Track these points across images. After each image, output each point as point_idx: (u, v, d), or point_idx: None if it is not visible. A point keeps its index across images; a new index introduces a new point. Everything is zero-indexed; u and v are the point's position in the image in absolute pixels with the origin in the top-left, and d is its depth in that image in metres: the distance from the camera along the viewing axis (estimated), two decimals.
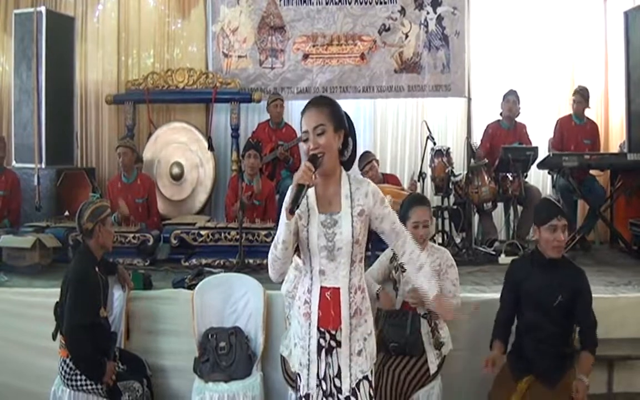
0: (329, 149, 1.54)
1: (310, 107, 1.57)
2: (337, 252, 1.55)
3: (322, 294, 1.57)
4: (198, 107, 5.03)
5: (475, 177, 3.96)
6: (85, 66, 4.89)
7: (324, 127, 1.54)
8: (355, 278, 1.57)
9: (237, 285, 2.78)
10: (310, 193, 1.59)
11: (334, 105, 1.59)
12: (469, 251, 3.79)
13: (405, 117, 5.11)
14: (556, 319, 2.19)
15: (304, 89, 4.91)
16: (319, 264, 1.57)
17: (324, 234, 1.56)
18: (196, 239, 3.50)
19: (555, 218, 2.17)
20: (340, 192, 1.57)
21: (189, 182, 4.76)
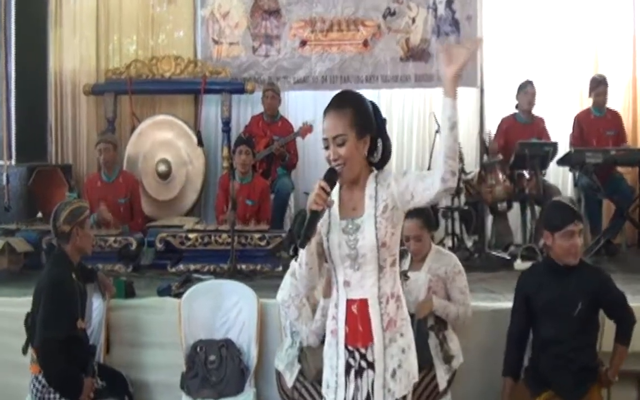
0: (350, 159, 1.50)
1: (329, 111, 1.52)
2: (362, 259, 1.51)
3: (348, 307, 1.53)
4: (186, 99, 5.01)
5: (488, 175, 3.95)
6: (61, 53, 4.87)
7: (345, 137, 1.49)
8: (386, 286, 1.52)
9: (229, 293, 2.77)
10: (333, 197, 1.55)
11: (358, 106, 1.52)
12: (481, 256, 3.79)
13: (412, 110, 5.11)
14: (577, 330, 2.17)
15: (301, 79, 4.91)
16: (344, 275, 1.54)
17: (346, 242, 1.52)
18: (184, 243, 3.50)
19: (572, 223, 2.15)
20: (365, 194, 1.54)
21: (176, 180, 4.76)
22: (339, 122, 1.50)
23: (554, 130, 4.49)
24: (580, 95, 4.87)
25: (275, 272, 3.37)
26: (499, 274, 3.48)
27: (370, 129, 1.53)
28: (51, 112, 4.83)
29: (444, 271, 2.31)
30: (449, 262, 2.33)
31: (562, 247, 2.17)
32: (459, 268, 2.32)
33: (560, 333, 2.18)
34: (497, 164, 3.98)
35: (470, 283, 3.07)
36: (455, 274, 2.31)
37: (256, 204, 3.81)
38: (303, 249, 1.49)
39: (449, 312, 2.24)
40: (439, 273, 2.30)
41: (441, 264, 2.31)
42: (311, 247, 1.50)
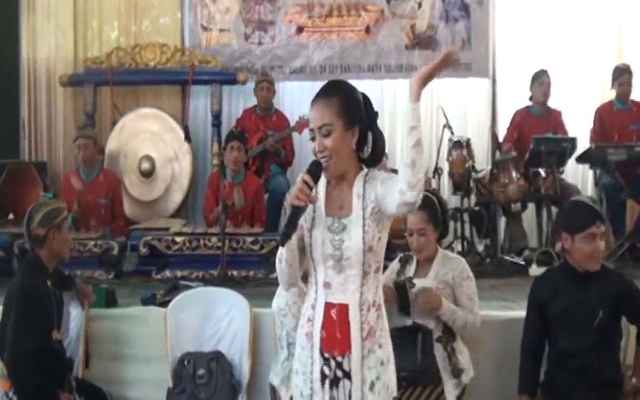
0: (336, 151, 1.52)
1: (316, 100, 1.54)
2: (346, 262, 1.52)
3: (326, 311, 1.55)
4: (172, 90, 5.01)
5: (501, 173, 3.96)
6: (34, 41, 4.86)
7: (331, 126, 1.51)
8: (368, 292, 1.53)
9: (219, 302, 2.77)
10: (320, 191, 1.58)
11: (345, 95, 1.54)
12: (493, 261, 3.81)
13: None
14: (597, 342, 2.17)
15: (297, 69, 4.91)
16: (324, 275, 1.55)
17: (330, 241, 1.54)
18: (170, 247, 3.50)
19: (594, 225, 2.14)
20: (353, 192, 1.55)
21: (162, 179, 4.76)
22: (326, 111, 1.51)
23: (572, 124, 4.50)
24: (601, 86, 4.88)
25: (270, 279, 3.36)
26: (512, 281, 3.48)
27: (359, 120, 1.54)
28: (24, 105, 4.82)
29: (451, 276, 2.30)
30: (456, 266, 2.32)
31: (582, 251, 2.17)
32: (467, 273, 2.32)
33: (579, 345, 2.17)
34: (510, 162, 3.99)
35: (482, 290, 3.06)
36: (463, 279, 2.30)
37: (249, 204, 3.81)
38: (283, 247, 1.50)
39: (457, 318, 2.24)
40: (446, 279, 2.30)
41: (448, 268, 2.31)
42: (292, 243, 1.52)
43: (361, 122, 1.54)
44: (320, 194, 1.59)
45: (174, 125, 4.79)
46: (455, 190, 4.18)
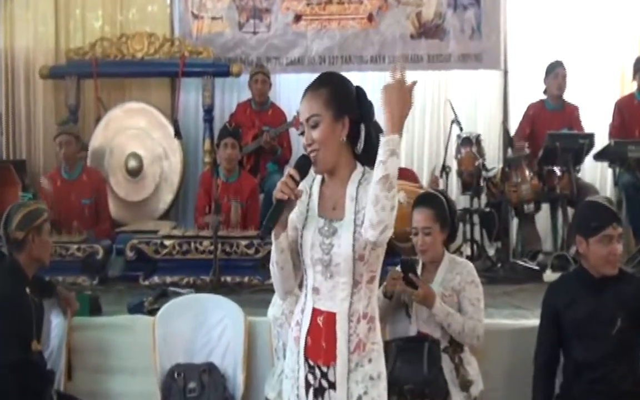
0: (324, 143, 1.52)
1: (305, 94, 1.57)
2: (335, 268, 1.54)
3: (313, 317, 1.56)
4: (161, 83, 5.02)
5: (513, 172, 3.96)
6: (12, 30, 4.87)
7: (318, 117, 1.52)
8: (359, 303, 1.54)
9: (211, 310, 2.77)
10: (314, 190, 1.59)
11: (334, 85, 1.56)
12: (505, 266, 3.80)
13: (425, 95, 5.12)
14: (616, 351, 2.16)
15: (295, 60, 4.92)
16: (313, 280, 1.57)
17: (319, 244, 1.55)
18: (158, 251, 3.51)
19: (610, 226, 2.14)
20: (346, 193, 1.55)
21: (150, 178, 4.76)
22: (313, 102, 1.53)
23: (590, 119, 4.51)
24: (621, 79, 4.89)
25: (266, 285, 3.36)
26: (525, 287, 3.48)
27: (349, 110, 1.54)
28: (1, 98, 4.82)
29: (457, 282, 2.31)
30: (461, 269, 2.32)
31: (598, 255, 2.16)
32: (472, 277, 2.32)
33: (597, 355, 2.17)
34: (523, 159, 3.99)
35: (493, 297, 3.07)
36: (467, 283, 2.30)
37: (243, 205, 3.81)
38: (262, 240, 1.53)
39: (452, 322, 2.23)
40: (452, 285, 2.30)
41: (455, 274, 2.32)
42: (281, 242, 1.53)
43: (352, 113, 1.54)
44: (315, 193, 1.60)
45: (163, 120, 4.80)
46: (464, 190, 4.18)
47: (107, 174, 4.64)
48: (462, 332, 2.24)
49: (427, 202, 2.36)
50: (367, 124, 1.56)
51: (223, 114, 4.94)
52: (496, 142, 4.25)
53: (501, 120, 4.43)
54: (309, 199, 1.60)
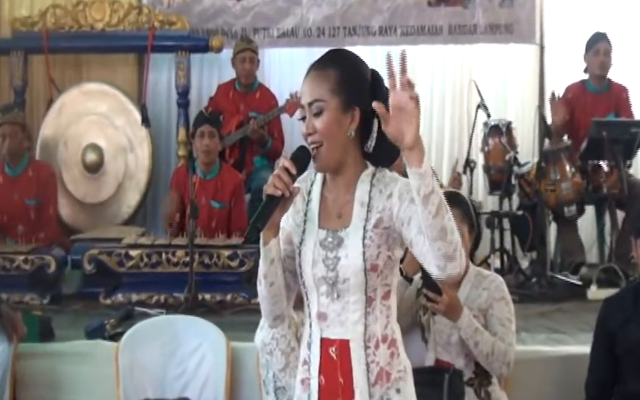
0: (328, 136, 1.51)
1: (309, 72, 1.55)
2: (343, 285, 1.52)
3: (324, 350, 1.54)
4: (125, 60, 5.01)
5: (551, 167, 3.97)
6: None
7: (323, 103, 1.51)
8: (375, 324, 1.52)
9: (187, 334, 2.78)
10: (314, 195, 1.57)
11: (346, 67, 1.54)
12: (541, 281, 3.80)
13: (444, 75, 5.13)
14: None
15: (288, 32, 4.92)
16: (318, 304, 1.54)
17: (322, 260, 1.53)
18: (123, 263, 3.51)
19: None
20: (355, 198, 1.54)
21: (112, 175, 4.76)
22: (319, 85, 1.52)
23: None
24: None
25: (252, 305, 3.34)
26: (565, 306, 3.49)
27: (360, 101, 1.52)
28: None
29: (484, 298, 2.31)
30: (489, 284, 2.32)
31: None
32: (501, 293, 2.31)
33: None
34: (563, 152, 4.00)
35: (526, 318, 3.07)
36: (496, 299, 2.29)
37: (225, 207, 3.82)
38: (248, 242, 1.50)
39: (480, 341, 2.21)
40: (479, 303, 2.30)
41: (482, 289, 2.32)
42: (271, 250, 1.52)
43: (364, 104, 1.51)
44: (314, 199, 1.57)
45: (128, 104, 4.80)
46: (493, 189, 4.18)
47: (61, 170, 4.64)
48: (491, 354, 2.23)
49: (452, 202, 2.35)
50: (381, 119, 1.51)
51: (201, 97, 4.93)
52: (530, 132, 4.26)
53: (536, 105, 4.43)
54: (306, 206, 1.58)
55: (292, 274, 1.58)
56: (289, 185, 1.47)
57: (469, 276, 2.34)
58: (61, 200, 4.45)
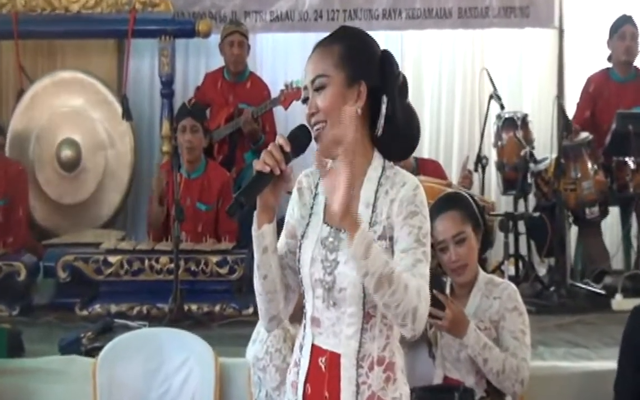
0: (332, 113, 1.50)
1: (313, 51, 1.57)
2: (339, 294, 1.52)
3: (313, 357, 1.56)
4: (104, 46, 5.01)
5: (571, 164, 3.97)
6: None
7: (326, 79, 1.51)
8: (372, 343, 1.52)
9: (171, 349, 2.77)
10: (321, 190, 1.56)
11: (351, 42, 1.55)
12: (560, 290, 3.79)
13: (454, 63, 5.13)
14: None
15: (282, 15, 4.92)
16: (312, 307, 1.55)
17: (321, 260, 1.53)
18: (101, 271, 3.50)
19: None
20: (360, 195, 1.53)
21: (90, 173, 4.75)
22: (321, 60, 1.53)
23: None
24: None
25: (244, 316, 3.37)
26: (587, 318, 3.49)
27: (366, 74, 1.53)
28: None
29: (496, 309, 2.30)
30: (500, 293, 2.31)
31: None
32: (514, 302, 2.30)
33: None
34: (584, 147, 4.00)
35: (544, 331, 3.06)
36: (508, 310, 2.28)
37: (212, 208, 3.81)
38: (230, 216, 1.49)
39: (489, 358, 2.20)
40: (490, 314, 2.30)
41: (492, 298, 2.31)
42: (264, 235, 1.51)
43: (370, 79, 1.52)
44: (322, 193, 1.56)
45: (108, 95, 4.79)
46: (506, 188, 4.19)
47: (33, 168, 4.63)
48: (501, 372, 2.22)
49: (449, 204, 2.36)
50: (391, 96, 1.53)
51: (186, 87, 4.94)
52: (548, 125, 4.26)
53: (555, 95, 4.43)
54: (313, 201, 1.58)
55: (294, 272, 1.58)
56: (280, 163, 1.46)
57: (479, 284, 2.34)
58: (33, 201, 4.45)
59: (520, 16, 4.90)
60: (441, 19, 4.91)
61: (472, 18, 4.92)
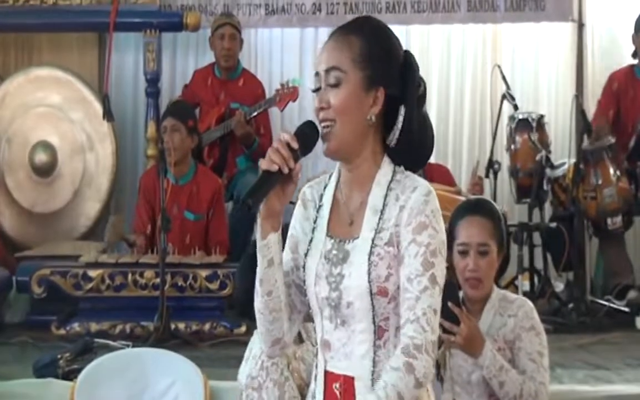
0: (344, 114, 1.50)
1: (331, 36, 1.55)
2: (347, 310, 1.51)
3: (327, 385, 1.55)
4: (83, 41, 5.01)
5: (591, 170, 3.99)
6: None
7: (341, 74, 1.50)
8: (386, 361, 1.51)
9: (157, 371, 2.77)
10: (326, 199, 1.58)
11: (376, 37, 1.54)
12: (579, 307, 3.79)
13: (464, 59, 5.14)
14: None
15: (278, 8, 4.92)
16: (322, 330, 1.55)
17: (326, 276, 1.53)
18: (80, 286, 3.50)
19: None
20: (368, 202, 1.54)
21: (67, 179, 4.75)
22: (340, 51, 1.52)
23: None
24: None
25: (235, 335, 3.38)
26: (609, 338, 3.50)
27: (388, 81, 1.52)
28: None
29: (510, 327, 2.31)
30: (516, 310, 2.30)
31: None
32: (531, 321, 2.30)
33: None
34: (605, 151, 4.01)
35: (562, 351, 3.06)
36: (525, 329, 2.28)
37: (202, 218, 3.82)
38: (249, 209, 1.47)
39: (506, 381, 2.19)
40: (504, 333, 2.30)
41: (507, 316, 2.31)
42: (270, 246, 1.51)
43: (391, 85, 1.52)
44: (326, 204, 1.57)
45: (87, 94, 4.79)
46: (521, 196, 4.19)
47: (3, 172, 4.63)
48: (519, 397, 2.21)
49: (482, 210, 2.36)
50: (410, 108, 1.53)
51: (174, 85, 4.94)
52: (566, 127, 4.28)
53: (574, 95, 4.45)
54: (316, 214, 1.58)
55: (299, 291, 1.58)
56: (288, 160, 1.45)
57: (492, 301, 2.34)
58: (3, 209, 4.46)
59: (535, 9, 4.91)
60: (450, 13, 4.92)
61: (482, 12, 4.94)
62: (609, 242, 4.18)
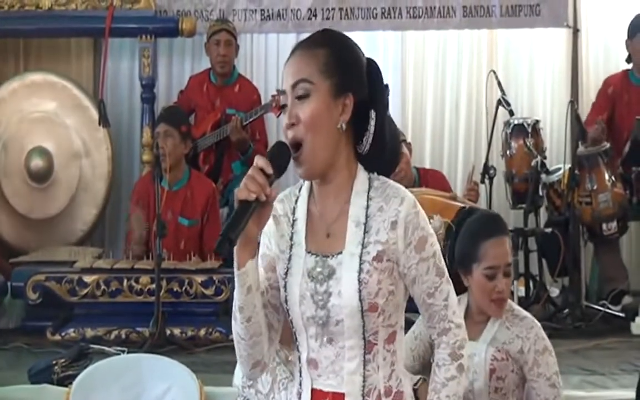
0: (315, 127, 1.49)
1: (293, 51, 1.55)
2: (336, 327, 1.50)
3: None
4: (78, 46, 5.01)
5: (586, 175, 3.99)
6: None
7: (309, 86, 1.49)
8: (377, 374, 1.52)
9: (152, 377, 2.77)
10: (300, 213, 1.56)
11: (337, 46, 1.54)
12: (575, 312, 3.80)
13: (459, 65, 5.15)
14: None
15: (274, 14, 4.93)
16: (307, 349, 1.54)
17: (311, 295, 1.51)
18: (76, 292, 3.51)
19: None
20: (348, 214, 1.53)
21: (63, 185, 4.75)
22: (305, 64, 1.51)
23: None
24: None
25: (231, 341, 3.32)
26: (604, 343, 3.50)
27: (354, 86, 1.52)
28: None
29: (518, 348, 2.28)
30: (526, 332, 2.27)
31: None
32: (544, 342, 2.26)
33: None
34: (600, 156, 4.01)
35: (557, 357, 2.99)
36: (539, 352, 2.24)
37: (196, 223, 3.83)
38: (218, 254, 1.48)
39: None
40: (509, 348, 2.29)
41: (514, 334, 2.30)
42: (247, 274, 1.48)
43: (358, 91, 1.52)
44: (300, 218, 1.55)
45: (83, 100, 4.79)
46: (516, 202, 4.20)
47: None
48: None
49: (504, 229, 2.33)
50: (381, 112, 1.53)
51: (169, 91, 4.94)
52: (561, 132, 4.28)
53: (569, 100, 4.46)
54: (291, 229, 1.55)
55: (275, 310, 1.56)
56: (264, 188, 1.43)
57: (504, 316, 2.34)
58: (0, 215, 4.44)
59: (530, 15, 4.92)
60: (444, 19, 4.92)
61: (477, 17, 4.94)
62: (604, 248, 4.19)
